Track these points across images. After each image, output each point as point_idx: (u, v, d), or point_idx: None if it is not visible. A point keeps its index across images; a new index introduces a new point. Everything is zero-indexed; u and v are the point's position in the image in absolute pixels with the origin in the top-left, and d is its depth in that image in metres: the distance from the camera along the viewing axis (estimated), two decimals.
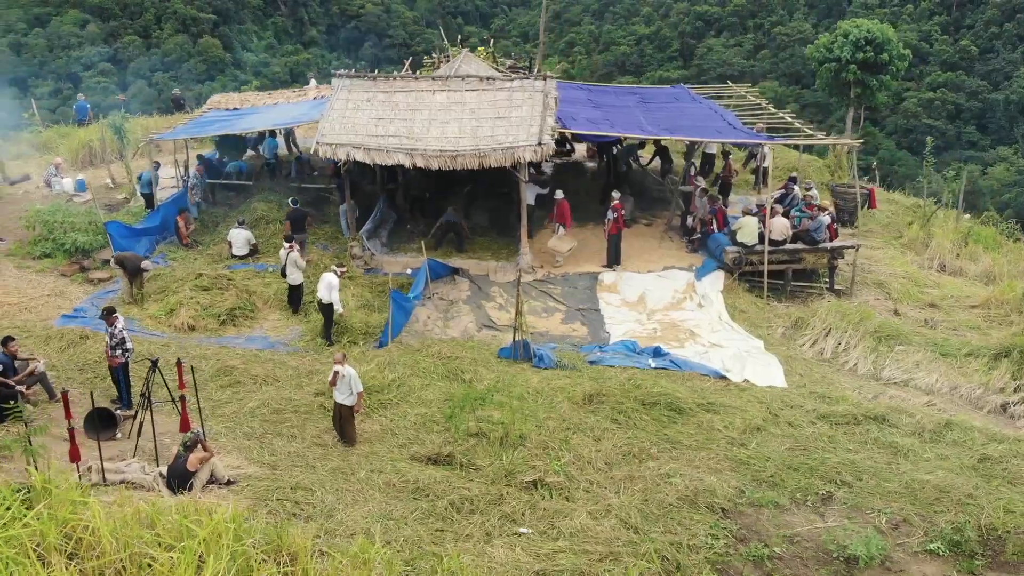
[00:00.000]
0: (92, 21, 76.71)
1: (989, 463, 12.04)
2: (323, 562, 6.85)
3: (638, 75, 77.59)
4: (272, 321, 17.06)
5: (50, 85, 65.93)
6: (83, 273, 19.03)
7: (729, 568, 9.72)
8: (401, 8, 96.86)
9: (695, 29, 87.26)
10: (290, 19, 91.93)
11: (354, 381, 11.67)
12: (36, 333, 15.00)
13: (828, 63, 35.74)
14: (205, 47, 77.53)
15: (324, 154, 18.09)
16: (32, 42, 72.83)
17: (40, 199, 23.46)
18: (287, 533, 7.25)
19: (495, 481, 10.97)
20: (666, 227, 21.28)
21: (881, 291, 18.61)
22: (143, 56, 73.54)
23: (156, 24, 79.38)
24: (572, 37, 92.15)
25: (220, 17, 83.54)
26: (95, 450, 10.99)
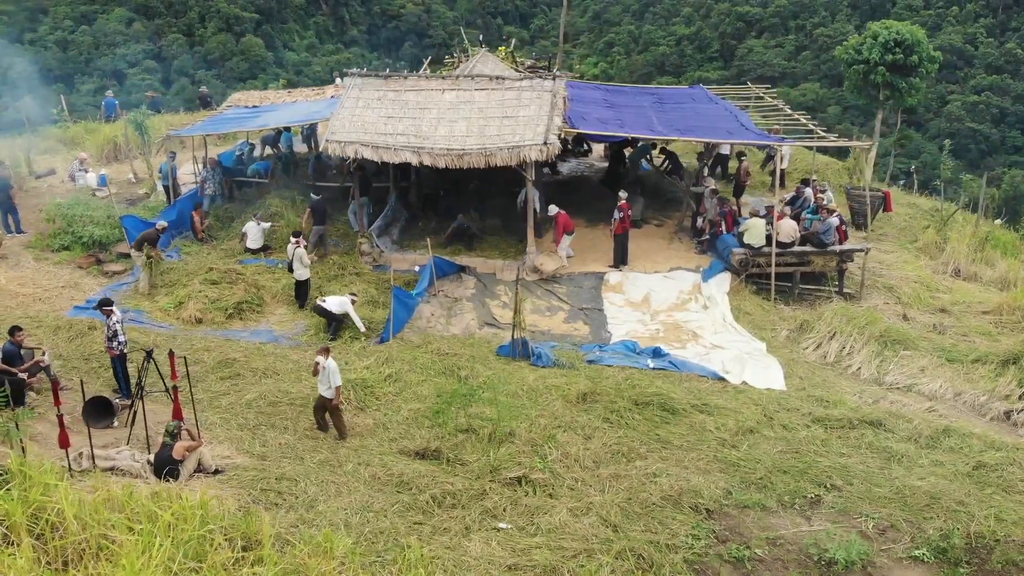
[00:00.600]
0: (137, 19, 78.36)
1: (984, 470, 11.89)
2: (285, 550, 6.97)
3: (677, 75, 77.30)
4: (278, 316, 17.30)
5: (96, 82, 67.34)
6: (99, 266, 19.43)
7: (707, 568, 9.72)
8: (441, 8, 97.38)
9: (736, 30, 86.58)
10: (331, 19, 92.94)
11: (333, 375, 11.86)
12: (47, 323, 15.38)
13: (857, 65, 35.40)
14: (247, 46, 78.70)
15: (333, 151, 18.31)
16: (79, 39, 74.54)
17: (64, 193, 24.00)
18: (254, 521, 7.39)
19: (480, 476, 11.06)
20: (677, 228, 21.21)
21: (891, 295, 18.39)
22: (186, 54, 74.94)
23: (200, 22, 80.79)
24: (611, 37, 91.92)
25: (263, 16, 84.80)
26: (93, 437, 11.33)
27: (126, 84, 64.70)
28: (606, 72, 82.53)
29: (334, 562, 6.92)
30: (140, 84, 64.87)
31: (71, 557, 6.21)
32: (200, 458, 10.24)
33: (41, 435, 11.03)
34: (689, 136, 20.16)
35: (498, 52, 31.20)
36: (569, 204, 20.08)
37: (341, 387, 12.16)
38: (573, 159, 28.09)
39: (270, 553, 6.71)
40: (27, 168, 26.72)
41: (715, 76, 76.34)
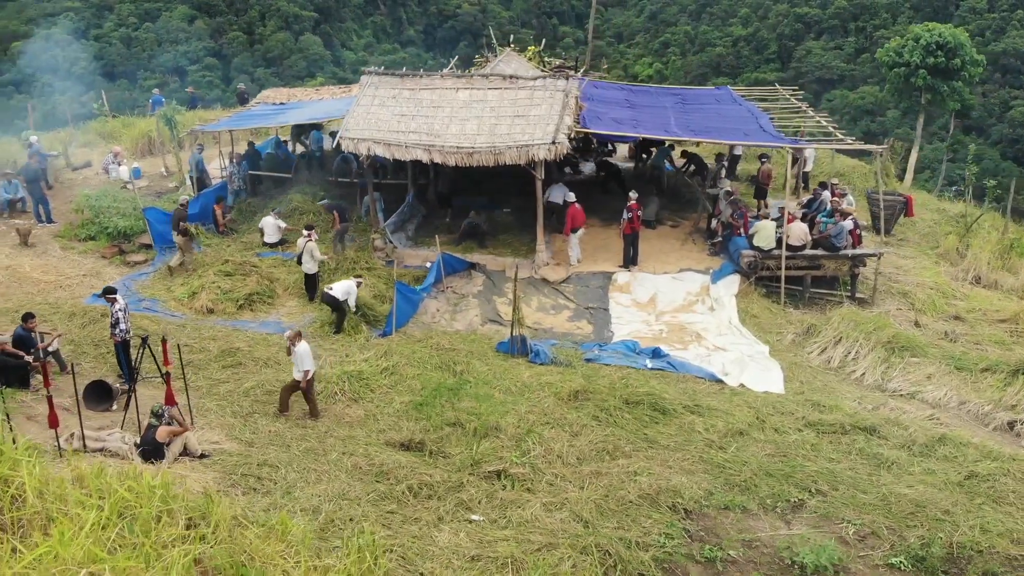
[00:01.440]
0: (199, 17, 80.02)
1: (976, 480, 11.67)
2: (235, 532, 7.20)
3: (733, 77, 76.50)
4: (289, 308, 17.67)
5: (157, 78, 68.97)
6: (121, 256, 20.05)
7: (676, 567, 9.72)
8: (497, 8, 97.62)
9: (794, 31, 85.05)
10: (389, 18, 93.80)
11: (302, 359, 12.22)
12: (64, 309, 15.94)
13: (898, 68, 34.83)
14: (306, 44, 79.97)
15: (346, 148, 18.64)
16: (142, 36, 76.35)
17: (97, 185, 24.78)
18: (214, 502, 7.63)
19: (460, 469, 11.20)
20: (692, 230, 21.12)
21: (905, 301, 18.08)
22: (246, 52, 76.37)
23: (260, 21, 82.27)
24: (667, 37, 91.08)
25: (321, 15, 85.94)
26: (88, 419, 11.77)
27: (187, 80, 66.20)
28: (660, 72, 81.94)
29: (282, 545, 7.13)
30: (200, 81, 66.48)
31: (26, 529, 6.50)
32: (186, 442, 10.56)
33: (41, 416, 11.45)
34: (703, 137, 20.06)
35: (527, 52, 31.30)
36: (587, 203, 20.14)
37: (311, 371, 12.49)
38: (596, 158, 28.07)
39: (218, 533, 6.93)
40: (65, 160, 27.68)
41: (772, 78, 75.06)
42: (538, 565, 8.79)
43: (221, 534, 7.18)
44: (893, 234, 21.36)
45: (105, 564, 5.50)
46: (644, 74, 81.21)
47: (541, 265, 18.72)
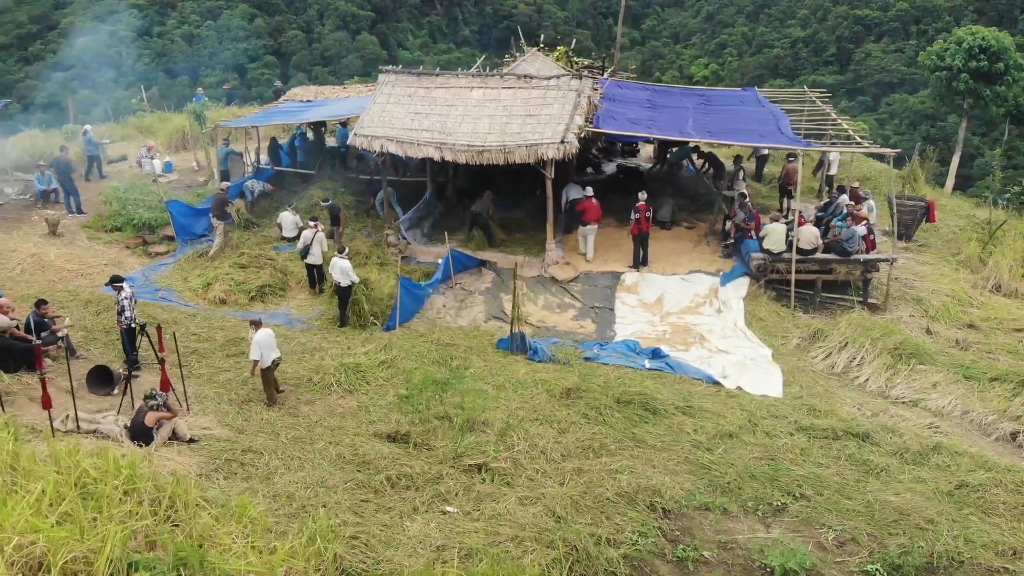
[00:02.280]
0: (259, 15, 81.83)
1: (966, 490, 11.48)
2: (194, 511, 7.45)
3: (791, 79, 75.57)
4: (299, 300, 18.04)
5: (218, 75, 70.66)
6: (144, 247, 20.65)
7: (646, 565, 9.74)
8: (553, 8, 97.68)
9: (853, 33, 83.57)
10: (445, 18, 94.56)
11: (254, 346, 12.51)
12: (82, 297, 16.50)
13: (939, 71, 34.14)
14: (363, 43, 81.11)
15: (360, 145, 18.96)
16: (204, 34, 78.31)
17: (130, 178, 25.54)
18: (181, 485, 7.91)
19: (442, 462, 11.36)
20: (707, 231, 21.01)
21: (919, 308, 17.77)
22: (304, 50, 77.72)
23: (318, 20, 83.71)
24: (724, 39, 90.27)
25: (378, 15, 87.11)
26: (89, 402, 12.21)
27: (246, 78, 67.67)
28: (716, 74, 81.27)
29: (236, 526, 7.36)
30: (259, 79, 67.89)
31: None
32: (175, 427, 10.89)
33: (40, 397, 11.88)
34: (717, 139, 19.93)
35: (555, 52, 31.39)
36: (606, 202, 20.19)
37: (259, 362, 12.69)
38: (620, 158, 28.08)
39: (177, 513, 7.19)
40: (102, 154, 28.54)
41: (830, 81, 73.92)
42: (501, 557, 8.90)
43: (181, 514, 7.46)
44: (915, 239, 20.98)
45: (41, 533, 5.75)
46: (700, 75, 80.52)
47: (550, 264, 18.80)
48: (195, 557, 5.99)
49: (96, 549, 5.80)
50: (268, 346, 12.70)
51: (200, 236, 21.00)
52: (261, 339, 12.60)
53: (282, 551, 6.81)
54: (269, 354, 12.70)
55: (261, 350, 12.52)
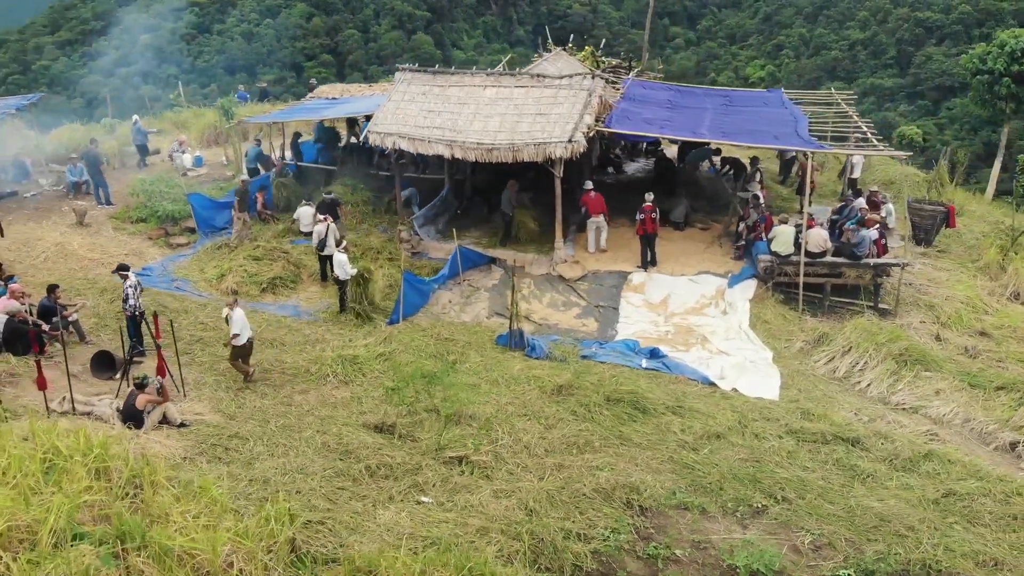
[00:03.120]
0: (317, 15, 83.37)
1: (953, 499, 11.33)
2: (158, 490, 7.73)
3: (849, 81, 74.48)
4: (309, 293, 18.39)
5: (275, 73, 72.20)
6: (166, 238, 21.21)
7: (614, 561, 9.80)
8: (608, 9, 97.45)
9: (914, 36, 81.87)
10: (499, 18, 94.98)
11: (233, 324, 13.02)
12: (99, 285, 17.06)
13: (981, 75, 33.38)
14: (418, 43, 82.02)
15: (373, 142, 19.24)
16: (262, 32, 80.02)
17: (161, 171, 26.25)
18: (150, 465, 8.21)
19: (424, 453, 11.55)
20: (722, 233, 20.88)
21: (931, 314, 17.47)
22: (360, 50, 78.89)
23: (375, 19, 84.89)
24: (781, 40, 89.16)
25: (434, 15, 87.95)
26: (92, 386, 12.65)
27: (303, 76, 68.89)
28: (773, 75, 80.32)
29: (196, 506, 7.62)
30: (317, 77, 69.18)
31: None
32: (165, 411, 11.24)
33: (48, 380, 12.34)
34: (731, 140, 19.78)
35: (583, 52, 31.42)
36: (626, 203, 20.27)
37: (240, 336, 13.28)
38: (642, 159, 28.03)
39: (139, 490, 7.48)
40: (148, 143, 29.37)
41: (889, 84, 72.69)
42: (464, 548, 9.03)
43: (146, 492, 7.75)
44: (935, 245, 20.60)
45: None
46: (755, 76, 79.61)
47: (559, 262, 18.88)
48: (137, 531, 6.26)
49: (40, 519, 6.09)
50: (244, 325, 13.25)
51: (221, 229, 21.48)
52: (241, 318, 13.11)
53: (229, 530, 7.04)
54: (245, 332, 13.25)
55: (241, 327, 13.13)
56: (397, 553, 7.54)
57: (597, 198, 19.46)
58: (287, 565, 7.29)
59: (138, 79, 68.38)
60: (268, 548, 7.21)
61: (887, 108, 71.72)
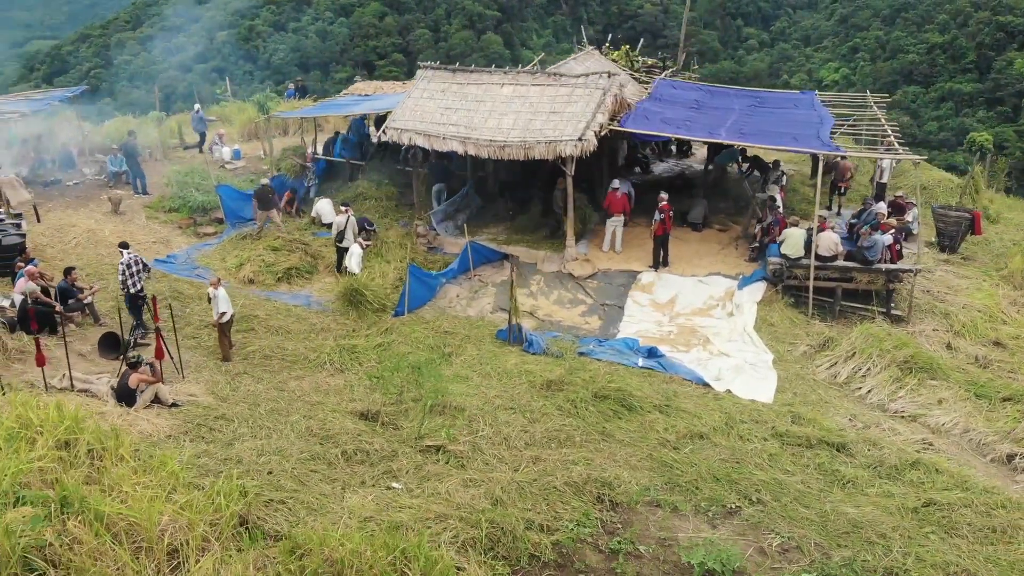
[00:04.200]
0: (390, 14, 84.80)
1: (932, 508, 11.12)
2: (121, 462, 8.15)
3: (926, 86, 72.92)
4: (324, 283, 18.83)
5: (347, 71, 73.79)
6: (195, 227, 21.94)
7: (574, 553, 9.91)
8: (679, 9, 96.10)
9: (995, 41, 79.31)
10: (569, 18, 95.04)
11: (217, 302, 13.62)
12: None
13: None
14: (487, 43, 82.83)
15: (391, 138, 19.62)
16: (336, 30, 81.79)
17: (199, 163, 27.12)
18: (118, 439, 8.64)
19: (404, 441, 11.82)
20: (740, 235, 20.72)
21: (945, 322, 17.08)
22: (430, 49, 79.94)
23: (446, 19, 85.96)
24: (857, 42, 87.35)
25: (504, 15, 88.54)
26: (97, 365, 13.24)
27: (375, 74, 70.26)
28: (847, 78, 78.85)
29: (155, 479, 8.01)
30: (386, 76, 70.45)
31: None
32: (157, 391, 11.73)
33: (54, 358, 12.98)
34: (748, 141, 19.63)
35: (618, 51, 31.43)
36: (650, 203, 20.21)
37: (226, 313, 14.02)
38: (671, 159, 27.90)
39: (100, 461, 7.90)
40: (179, 139, 30.39)
41: (968, 89, 70.67)
42: (419, 533, 9.23)
43: (106, 463, 8.17)
44: (959, 251, 20.11)
45: None
46: (829, 79, 78.14)
47: (570, 260, 18.98)
48: (76, 496, 6.64)
49: None
50: (228, 302, 14.00)
51: (248, 220, 22.10)
52: (224, 296, 13.78)
53: (175, 503, 7.39)
54: (231, 309, 14.08)
55: (225, 305, 13.91)
56: (335, 532, 7.77)
57: (622, 198, 19.50)
58: (231, 539, 7.59)
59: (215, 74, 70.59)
60: (212, 522, 7.53)
61: (964, 114, 69.62)
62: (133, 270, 14.49)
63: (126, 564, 6.27)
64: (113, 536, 6.65)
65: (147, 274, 15.24)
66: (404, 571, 7.44)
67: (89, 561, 6.19)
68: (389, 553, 7.41)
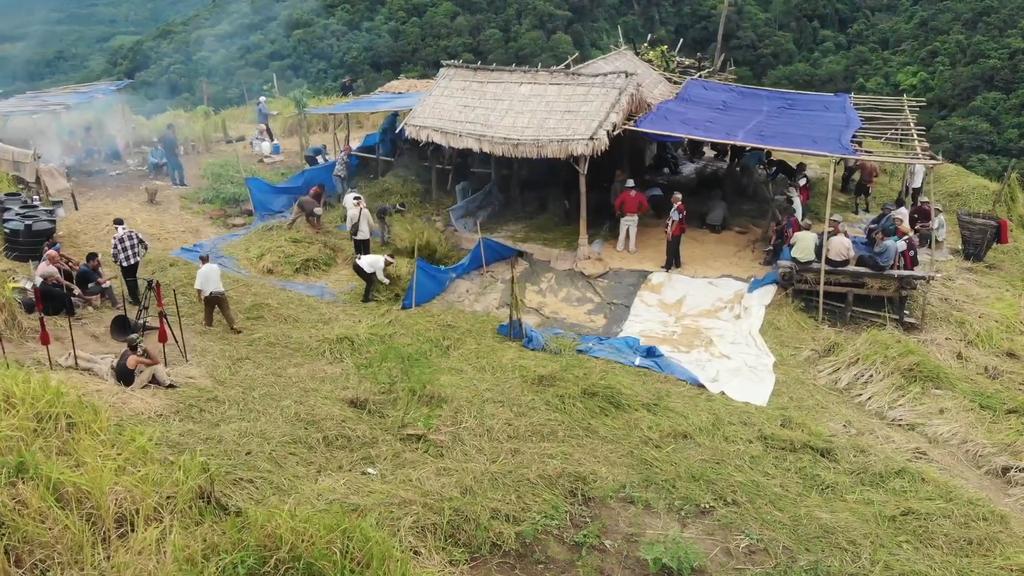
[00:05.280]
0: (461, 14, 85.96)
1: (910, 517, 10.99)
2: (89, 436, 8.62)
3: (1007, 92, 70.90)
4: (340, 275, 19.30)
5: (419, 71, 75.07)
6: (225, 218, 22.68)
7: (537, 544, 10.06)
8: (754, 9, 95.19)
9: None
10: (641, 18, 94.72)
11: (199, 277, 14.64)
12: (148, 257, 18.41)
13: None
14: (558, 43, 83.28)
15: (409, 134, 19.99)
16: (408, 30, 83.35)
17: (241, 156, 27.99)
18: (93, 413, 9.14)
19: (387, 429, 12.13)
20: (759, 237, 20.55)
21: (960, 331, 16.71)
22: (500, 49, 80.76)
23: (516, 19, 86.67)
24: (936, 46, 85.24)
25: (575, 15, 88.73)
26: (107, 346, 13.87)
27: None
28: (925, 83, 77.06)
29: (122, 451, 8.46)
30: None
31: None
32: (155, 373, 12.27)
33: (66, 338, 13.64)
34: (766, 144, 19.46)
35: (654, 51, 31.36)
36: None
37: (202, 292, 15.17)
38: (701, 160, 27.73)
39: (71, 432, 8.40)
40: (223, 133, 31.36)
41: None
42: (379, 516, 9.51)
43: (79, 434, 8.66)
44: (984, 260, 19.60)
45: None
46: (907, 83, 76.34)
47: (582, 258, 19.09)
48: (32, 463, 7.10)
49: None
50: (208, 279, 14.99)
51: (277, 212, 22.77)
52: (204, 272, 14.86)
53: (120, 473, 7.80)
54: (208, 286, 15.03)
55: (202, 282, 14.95)
56: (286, 511, 8.07)
57: (636, 197, 19.56)
58: (187, 513, 7.97)
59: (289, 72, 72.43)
60: (169, 495, 7.93)
61: None
62: (125, 244, 15.29)
63: (67, 528, 6.68)
64: (64, 502, 7.08)
65: (144, 249, 16.03)
66: (345, 550, 7.70)
67: (34, 524, 6.62)
68: (329, 532, 7.68)
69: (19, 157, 20.65)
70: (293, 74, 71.46)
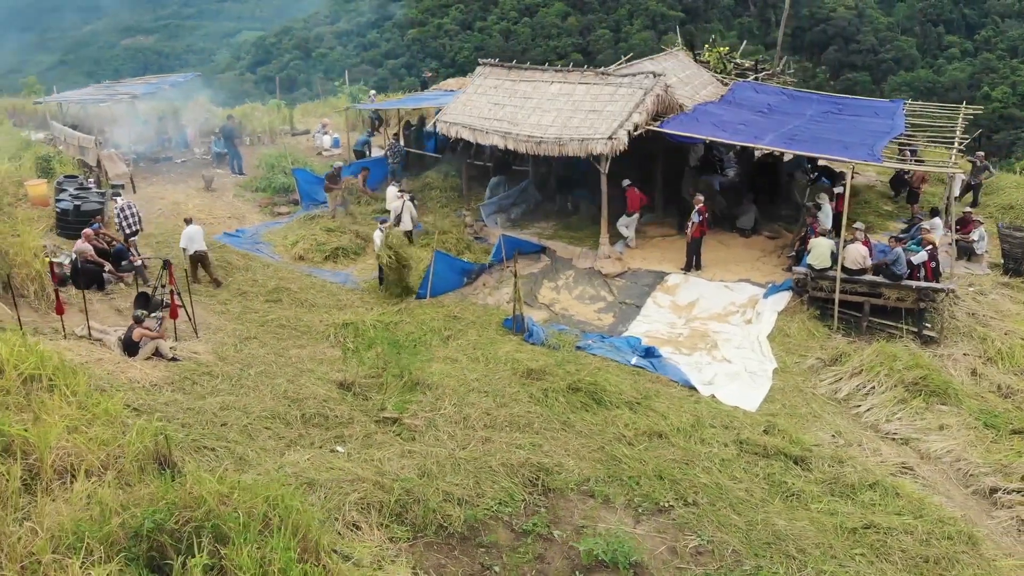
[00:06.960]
0: (573, 14, 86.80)
1: (871, 531, 10.83)
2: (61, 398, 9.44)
3: None
4: (368, 264, 19.99)
5: None
6: (272, 206, 23.76)
7: (484, 528, 10.28)
8: (876, 13, 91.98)
9: None
10: (757, 19, 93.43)
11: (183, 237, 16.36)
12: None
13: None
14: (668, 43, 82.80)
15: (440, 130, 20.52)
16: (519, 30, 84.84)
17: (305, 149, 29.25)
18: (74, 377, 9.98)
19: (367, 412, 12.66)
20: (791, 242, 20.22)
21: (980, 346, 16.11)
22: (609, 49, 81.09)
23: (628, 20, 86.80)
24: None
25: (688, 15, 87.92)
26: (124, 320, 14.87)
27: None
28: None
29: (86, 413, 9.24)
30: None
31: None
32: (157, 346, 13.15)
33: (95, 311, 14.74)
34: (796, 149, 19.08)
35: (713, 52, 31.07)
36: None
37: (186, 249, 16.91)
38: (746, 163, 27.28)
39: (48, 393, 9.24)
40: (289, 126, 32.72)
41: None
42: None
43: (53, 396, 9.50)
44: (1022, 273, 18.77)
45: None
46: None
47: (602, 257, 19.23)
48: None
49: None
50: (192, 239, 16.61)
51: (322, 203, 23.70)
52: (188, 232, 16.41)
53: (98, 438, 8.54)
54: (192, 245, 16.54)
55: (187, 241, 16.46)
56: (212, 477, 8.59)
57: (637, 195, 19.65)
58: (134, 473, 8.65)
59: (403, 70, 74.54)
60: (115, 455, 8.63)
61: None
62: (126, 213, 16.40)
63: (3, 474, 7.43)
64: (11, 453, 7.86)
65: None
66: (264, 516, 8.21)
67: None
68: (252, 498, 8.22)
69: (84, 143, 22.17)
70: (407, 72, 73.16)
